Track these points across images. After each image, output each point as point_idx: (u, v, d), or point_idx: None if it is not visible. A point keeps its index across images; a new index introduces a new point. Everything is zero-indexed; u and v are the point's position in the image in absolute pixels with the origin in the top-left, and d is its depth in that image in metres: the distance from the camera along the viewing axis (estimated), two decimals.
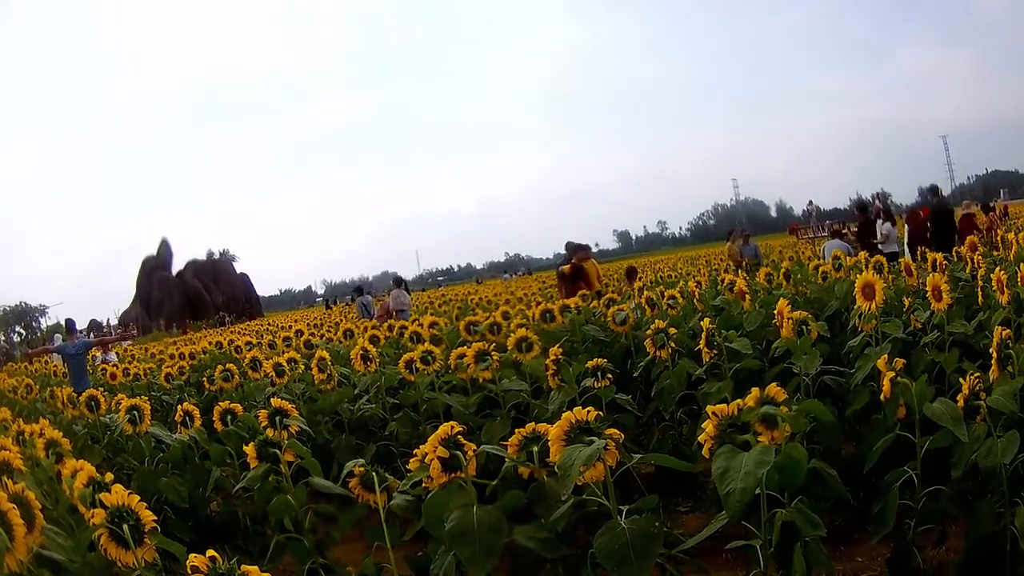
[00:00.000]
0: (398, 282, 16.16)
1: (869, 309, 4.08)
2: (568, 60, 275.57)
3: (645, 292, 6.85)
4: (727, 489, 2.17)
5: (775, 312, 4.26)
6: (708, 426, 2.42)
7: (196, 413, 4.70)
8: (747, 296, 5.65)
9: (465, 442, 2.66)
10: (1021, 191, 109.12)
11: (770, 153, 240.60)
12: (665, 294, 6.67)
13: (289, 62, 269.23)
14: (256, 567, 1.89)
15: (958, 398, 3.06)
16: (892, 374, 3.07)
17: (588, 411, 2.51)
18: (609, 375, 4.10)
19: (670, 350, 4.51)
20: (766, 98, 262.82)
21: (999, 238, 7.32)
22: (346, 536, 3.60)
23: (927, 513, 3.21)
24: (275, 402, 3.69)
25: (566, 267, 11.08)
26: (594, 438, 2.41)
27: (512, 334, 4.84)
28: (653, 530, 2.33)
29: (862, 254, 7.03)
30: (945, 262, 6.00)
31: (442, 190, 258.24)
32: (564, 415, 2.51)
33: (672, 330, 4.60)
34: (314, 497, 3.46)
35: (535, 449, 2.61)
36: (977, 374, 3.16)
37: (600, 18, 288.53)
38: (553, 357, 4.20)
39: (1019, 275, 4.53)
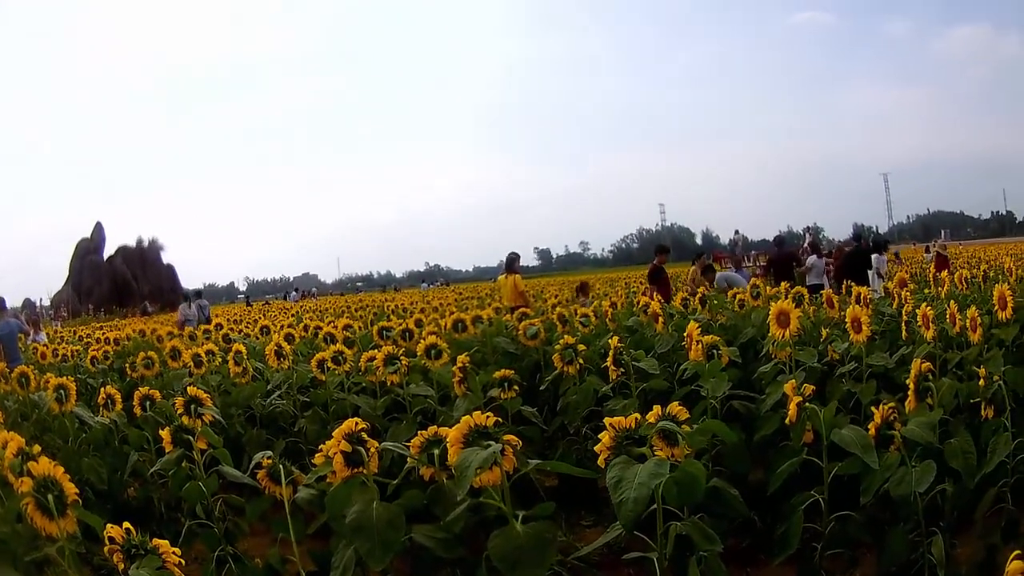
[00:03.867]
0: (188, 296, 16.26)
1: (782, 337, 4.13)
2: (499, 75, 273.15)
3: (557, 309, 6.99)
4: (620, 498, 2.21)
5: (685, 335, 4.31)
6: (605, 437, 2.46)
7: (118, 397, 4.73)
8: (660, 318, 5.67)
9: (368, 439, 2.70)
10: (964, 232, 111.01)
11: (702, 181, 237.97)
12: (578, 312, 6.74)
13: (230, 54, 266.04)
14: (167, 541, 2.04)
15: (869, 426, 3.10)
16: (799, 399, 3.10)
17: (487, 416, 2.55)
18: (516, 387, 4.15)
19: (578, 366, 4.55)
20: (702, 126, 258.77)
21: (931, 277, 7.48)
22: (255, 529, 3.63)
23: (836, 538, 3.24)
24: (191, 390, 3.68)
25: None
26: (491, 443, 2.44)
27: (423, 340, 4.89)
28: (547, 535, 2.36)
29: (783, 284, 7.14)
30: (871, 296, 6.09)
31: (368, 197, 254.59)
32: (464, 419, 2.54)
33: (581, 347, 4.63)
34: (225, 487, 3.50)
35: (436, 452, 2.64)
36: (891, 404, 3.20)
37: (536, 35, 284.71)
38: (460, 365, 4.25)
39: (948, 313, 4.60)
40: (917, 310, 4.61)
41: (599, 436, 2.50)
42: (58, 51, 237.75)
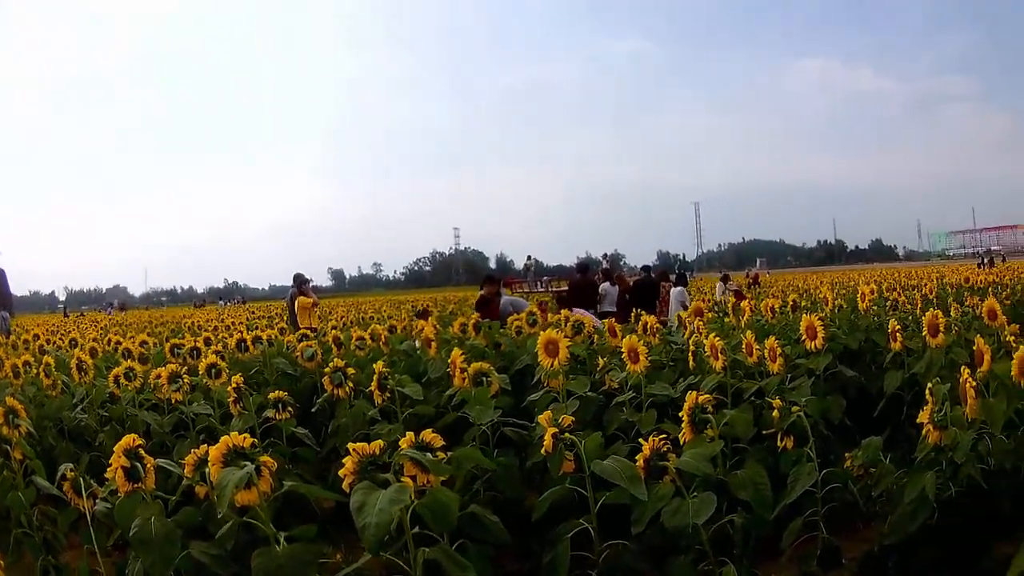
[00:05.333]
0: None
1: (552, 366, 4.18)
2: (304, 97, 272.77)
3: (332, 331, 6.94)
4: (363, 523, 2.25)
5: (450, 361, 4.33)
6: (348, 462, 2.51)
7: None
8: (433, 343, 5.69)
9: (145, 455, 2.77)
10: (784, 261, 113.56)
11: (501, 206, 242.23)
12: (354, 335, 6.71)
13: (52, 66, 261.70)
14: None
15: (638, 457, 3.11)
16: (554, 429, 3.11)
17: (244, 437, 2.61)
18: (291, 408, 4.23)
19: (348, 389, 4.56)
20: (503, 151, 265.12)
21: (729, 307, 7.58)
22: (73, 540, 3.63)
23: (612, 567, 3.21)
24: (10, 401, 3.70)
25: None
26: (247, 463, 2.51)
27: (205, 359, 4.92)
28: (307, 556, 2.46)
29: (564, 311, 7.13)
30: (658, 326, 6.15)
31: (176, 211, 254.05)
32: (223, 439, 2.59)
33: (351, 370, 4.65)
34: (45, 499, 3.54)
35: (207, 470, 2.65)
36: (663, 435, 3.18)
37: (345, 59, 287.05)
38: (235, 385, 4.30)
39: (744, 343, 4.66)
40: (705, 340, 4.66)
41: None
42: None
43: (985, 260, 40.88)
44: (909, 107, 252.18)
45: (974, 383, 3.43)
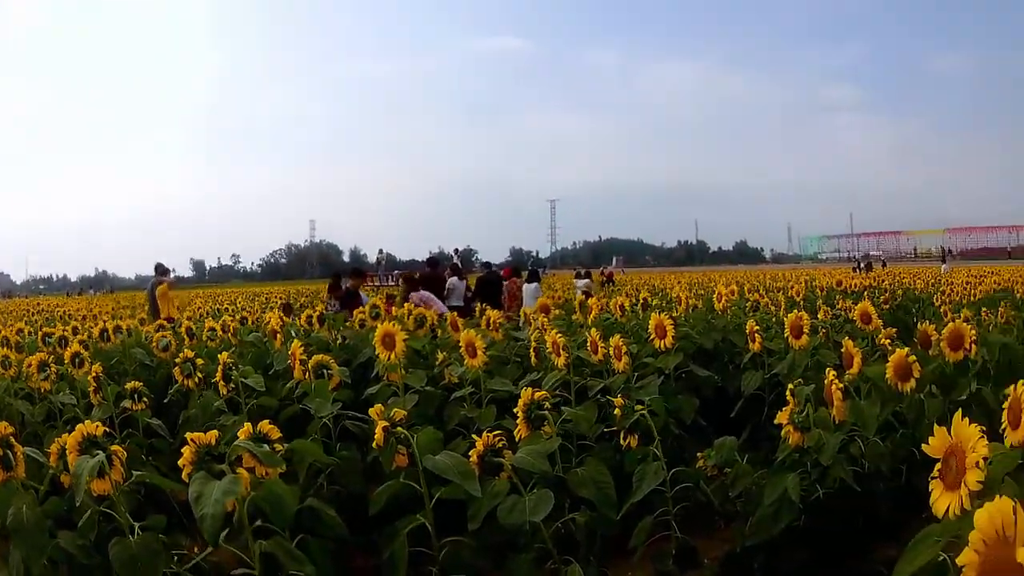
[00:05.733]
0: None
1: (389, 359, 4.20)
2: (167, 85, 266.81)
3: (185, 323, 7.03)
4: (200, 513, 2.33)
5: (290, 353, 4.41)
6: (187, 452, 2.60)
7: None
8: (279, 335, 5.76)
9: (16, 444, 2.86)
10: (643, 260, 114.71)
11: (357, 199, 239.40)
12: (206, 326, 6.76)
13: None
14: None
15: (472, 453, 3.11)
16: (385, 423, 3.13)
17: (96, 425, 2.75)
18: (146, 399, 4.32)
19: (197, 380, 4.65)
20: (362, 145, 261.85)
21: (577, 304, 7.45)
22: None
23: (452, 564, 3.19)
24: None
25: None
26: (100, 452, 2.63)
27: (70, 348, 5.00)
28: (156, 546, 2.58)
29: (408, 305, 7.05)
30: (502, 321, 6.23)
31: (54, 198, 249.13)
32: (78, 427, 2.72)
33: (200, 361, 4.73)
34: None
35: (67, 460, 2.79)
36: (498, 432, 3.24)
37: (204, 48, 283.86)
38: (94, 374, 4.38)
39: (589, 341, 4.67)
40: (547, 336, 4.62)
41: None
42: None
43: (862, 264, 41.46)
44: (785, 113, 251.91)
45: (841, 385, 3.44)
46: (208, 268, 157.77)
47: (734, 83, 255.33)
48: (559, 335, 4.50)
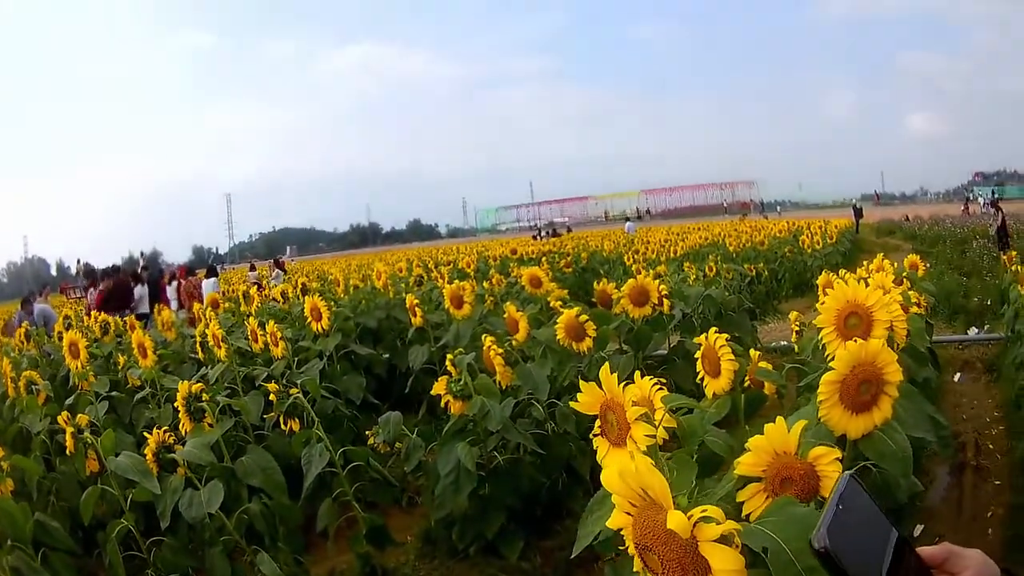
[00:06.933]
0: None
1: (77, 368, 4.28)
2: None
3: None
4: None
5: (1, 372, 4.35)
6: None
7: None
8: None
9: None
10: (314, 247, 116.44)
11: (63, 209, 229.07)
12: None
13: None
14: None
15: (146, 451, 3.12)
16: (72, 429, 3.20)
17: None
18: None
19: None
20: (58, 153, 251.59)
21: (241, 295, 7.61)
22: None
23: (165, 564, 3.22)
24: None
25: None
26: None
27: None
28: None
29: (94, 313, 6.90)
30: (174, 320, 6.46)
31: None
32: None
33: None
34: None
35: None
36: (166, 428, 3.25)
37: None
38: None
39: (249, 329, 4.78)
40: (207, 330, 4.70)
41: None
42: None
43: (544, 232, 42.23)
44: (466, 89, 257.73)
45: (500, 350, 3.48)
46: None
47: (414, 64, 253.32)
48: (218, 328, 4.59)
